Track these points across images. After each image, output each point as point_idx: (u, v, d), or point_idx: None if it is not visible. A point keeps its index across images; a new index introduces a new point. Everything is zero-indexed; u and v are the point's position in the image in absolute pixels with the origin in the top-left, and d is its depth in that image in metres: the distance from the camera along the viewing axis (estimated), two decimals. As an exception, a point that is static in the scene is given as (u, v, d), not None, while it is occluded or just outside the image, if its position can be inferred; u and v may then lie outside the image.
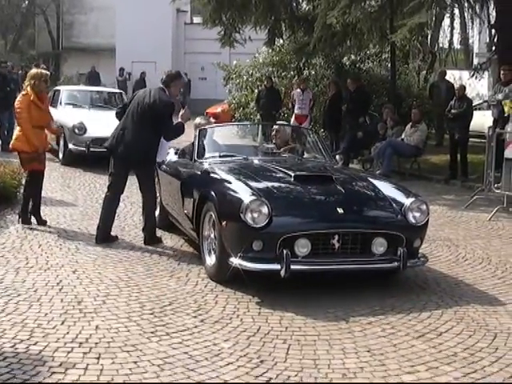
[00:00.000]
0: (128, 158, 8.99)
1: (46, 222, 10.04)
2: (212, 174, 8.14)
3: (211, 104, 28.88)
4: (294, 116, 20.43)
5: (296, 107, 20.37)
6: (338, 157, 9.85)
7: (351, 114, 18.07)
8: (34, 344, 5.56)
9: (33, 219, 10.00)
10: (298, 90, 20.52)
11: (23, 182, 10.45)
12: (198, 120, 9.95)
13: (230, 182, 7.65)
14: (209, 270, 7.64)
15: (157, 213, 9.76)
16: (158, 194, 9.92)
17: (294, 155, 9.54)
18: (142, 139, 8.91)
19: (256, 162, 8.85)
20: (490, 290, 7.59)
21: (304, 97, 20.32)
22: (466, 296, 7.32)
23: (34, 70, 10.28)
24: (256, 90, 23.48)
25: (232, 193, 7.39)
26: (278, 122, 13.97)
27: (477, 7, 19.29)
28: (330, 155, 9.85)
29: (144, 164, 9.08)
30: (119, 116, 9.50)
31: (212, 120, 13.19)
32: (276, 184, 7.82)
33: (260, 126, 12.59)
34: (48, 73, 10.20)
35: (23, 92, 9.90)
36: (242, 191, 7.30)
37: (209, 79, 38.04)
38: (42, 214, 10.13)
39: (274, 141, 9.66)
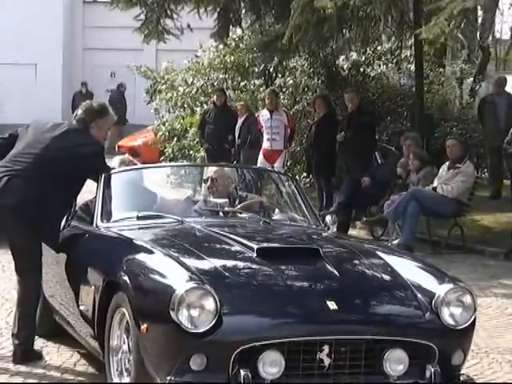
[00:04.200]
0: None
1: None
2: (125, 248, 8.17)
3: (126, 132, 28.92)
4: (261, 152, 20.18)
5: (264, 138, 20.31)
6: (328, 217, 9.89)
7: (351, 147, 18.10)
8: None
9: None
10: (265, 110, 20.37)
11: None
12: (117, 161, 10.01)
13: (153, 261, 7.67)
14: (120, 402, 7.65)
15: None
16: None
17: (257, 216, 9.62)
18: (40, 192, 8.90)
19: (197, 227, 8.91)
20: None
21: (274, 122, 20.21)
22: None
23: None
24: (199, 110, 23.57)
25: (157, 277, 7.40)
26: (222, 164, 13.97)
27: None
28: (315, 215, 9.95)
29: (32, 227, 8.97)
30: None
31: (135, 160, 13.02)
32: (229, 262, 7.87)
33: (205, 169, 12.62)
34: None
35: None
36: (174, 275, 7.29)
37: (123, 92, 38.13)
38: None
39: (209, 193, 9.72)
